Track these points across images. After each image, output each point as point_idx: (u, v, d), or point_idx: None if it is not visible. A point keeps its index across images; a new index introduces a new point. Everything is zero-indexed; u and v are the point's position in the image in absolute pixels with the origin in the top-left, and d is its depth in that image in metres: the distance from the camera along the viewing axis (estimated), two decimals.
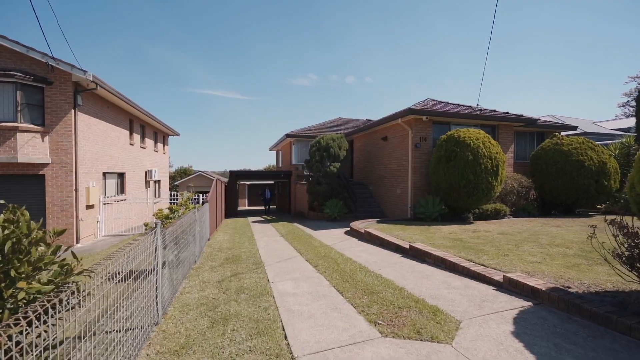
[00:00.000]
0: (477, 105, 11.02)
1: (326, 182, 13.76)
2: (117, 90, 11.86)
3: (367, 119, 21.57)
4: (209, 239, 9.33)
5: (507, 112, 12.80)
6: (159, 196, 19.27)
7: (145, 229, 5.85)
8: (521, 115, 12.68)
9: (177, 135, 21.62)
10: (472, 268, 5.09)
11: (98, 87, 10.76)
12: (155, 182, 18.75)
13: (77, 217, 10.57)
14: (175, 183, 29.95)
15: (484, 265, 5.28)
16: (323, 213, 13.34)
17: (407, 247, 6.82)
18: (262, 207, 24.51)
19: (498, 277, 4.65)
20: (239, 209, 26.76)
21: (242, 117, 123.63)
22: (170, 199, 21.01)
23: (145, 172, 16.95)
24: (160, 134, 19.84)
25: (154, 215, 6.49)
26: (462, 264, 5.31)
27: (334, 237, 9.32)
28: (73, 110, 10.48)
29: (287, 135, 17.50)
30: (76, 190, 10.52)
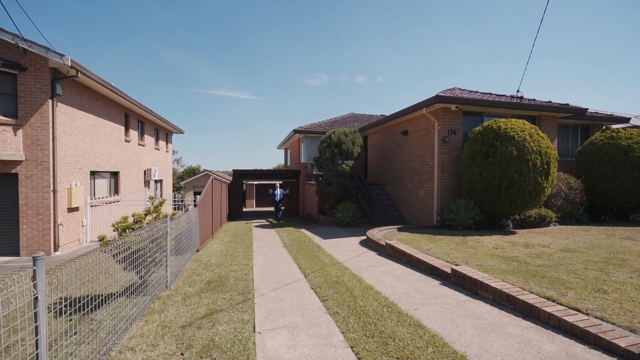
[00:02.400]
0: (518, 91, 9.01)
1: (337, 182, 11.93)
2: (103, 79, 10.35)
3: (381, 115, 19.61)
4: (198, 250, 7.65)
5: (550, 101, 10.70)
6: (160, 197, 17.82)
7: (101, 244, 4.20)
8: (567, 105, 10.55)
9: (182, 132, 20.17)
10: (567, 318, 3.18)
11: (79, 74, 9.22)
12: (156, 182, 17.30)
13: (55, 221, 9.07)
14: (181, 183, 28.62)
15: (580, 311, 3.37)
16: (334, 217, 11.52)
17: (449, 271, 4.93)
18: (271, 208, 22.79)
19: (624, 342, 2.74)
20: (245, 210, 25.15)
21: (253, 117, 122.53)
22: (174, 200, 19.63)
23: (144, 171, 15.49)
24: (162, 131, 18.39)
25: (113, 225, 4.84)
26: (546, 309, 3.40)
27: (347, 250, 7.49)
28: (50, 100, 8.96)
29: (295, 131, 15.72)
30: (54, 191, 9.01)
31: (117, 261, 4.32)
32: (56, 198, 9.07)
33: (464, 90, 11.46)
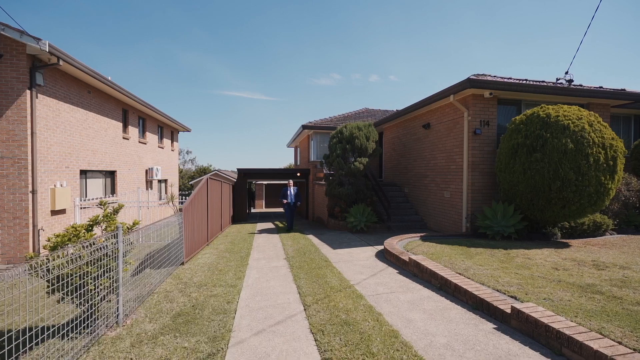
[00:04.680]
0: (567, 73, 7.31)
1: (350, 182, 10.45)
2: (92, 69, 9.22)
3: (397, 110, 17.94)
4: (183, 263, 6.34)
5: (601, 87, 8.87)
6: (166, 198, 16.79)
7: (26, 262, 2.92)
8: (623, 90, 8.71)
9: (188, 130, 19.11)
10: None
11: (60, 62, 8.09)
12: (159, 181, 16.26)
13: (34, 225, 7.98)
14: (190, 182, 27.73)
15: None
16: (346, 222, 10.04)
17: (507, 310, 3.39)
18: (281, 209, 21.38)
19: None
20: (254, 211, 23.94)
21: (266, 117, 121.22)
22: (181, 201, 18.61)
23: (146, 171, 14.45)
24: (167, 129, 17.35)
25: (48, 239, 3.57)
26: None
27: (361, 265, 6.01)
28: (29, 91, 7.87)
29: (304, 127, 14.29)
30: (33, 192, 7.92)
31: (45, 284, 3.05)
32: (36, 200, 7.98)
33: (495, 76, 9.74)
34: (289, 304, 4.17)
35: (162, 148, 16.58)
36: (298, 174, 15.28)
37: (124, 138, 12.51)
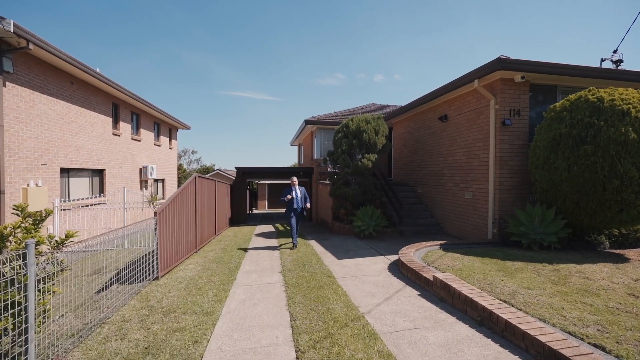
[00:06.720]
0: (615, 52, 6.01)
1: (356, 181, 9.24)
2: (70, 56, 8.18)
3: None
4: (157, 278, 5.21)
5: None
6: (162, 199, 15.76)
7: None
8: None
9: (187, 128, 18.10)
10: None
11: (31, 45, 7.06)
12: (156, 181, 15.24)
13: None
14: None
15: None
16: (352, 225, 8.84)
17: None
18: (283, 210, 20.20)
19: None
20: (256, 212, 22.88)
21: (270, 117, 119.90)
22: None
23: (140, 169, 13.43)
24: (164, 126, 16.33)
25: None
26: None
27: (371, 283, 4.80)
28: None
29: (307, 122, 13.11)
30: (0, 192, 6.92)
31: None
32: (3, 200, 6.97)
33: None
34: (277, 346, 2.99)
35: (159, 146, 15.56)
36: (300, 173, 14.11)
37: (114, 134, 11.50)
